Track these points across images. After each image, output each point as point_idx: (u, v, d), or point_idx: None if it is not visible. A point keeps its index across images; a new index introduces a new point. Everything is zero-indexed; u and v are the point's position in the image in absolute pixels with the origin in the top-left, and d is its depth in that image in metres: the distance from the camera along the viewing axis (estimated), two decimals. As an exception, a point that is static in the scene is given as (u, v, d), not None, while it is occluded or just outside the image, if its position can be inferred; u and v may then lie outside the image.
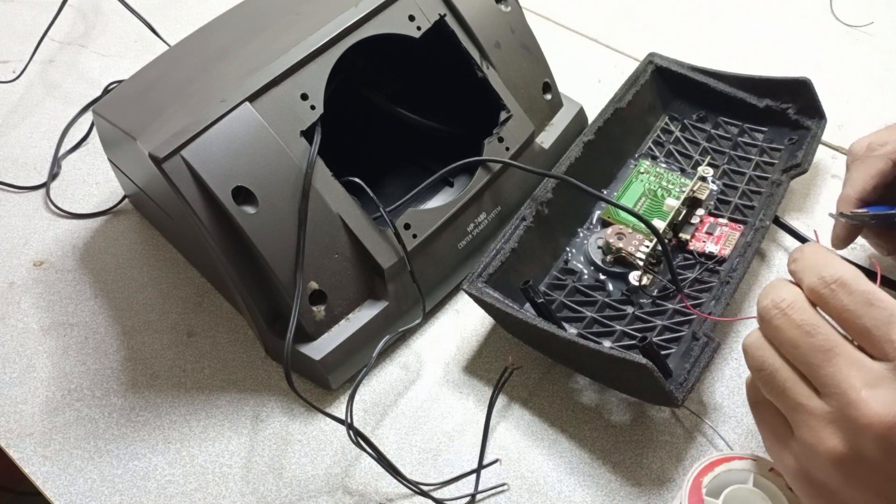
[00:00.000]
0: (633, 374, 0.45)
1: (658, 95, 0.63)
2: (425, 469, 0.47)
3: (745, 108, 0.62)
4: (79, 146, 0.66)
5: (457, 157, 0.58)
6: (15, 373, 0.52)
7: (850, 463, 0.33)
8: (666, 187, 0.58)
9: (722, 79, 0.62)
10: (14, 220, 0.61)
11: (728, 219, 0.56)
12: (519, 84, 0.58)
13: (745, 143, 0.61)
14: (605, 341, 0.49)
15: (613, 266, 0.54)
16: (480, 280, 0.50)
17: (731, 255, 0.53)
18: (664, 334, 0.50)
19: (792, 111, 0.60)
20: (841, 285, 0.34)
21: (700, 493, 0.40)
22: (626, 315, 0.51)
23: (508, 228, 0.52)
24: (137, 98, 0.52)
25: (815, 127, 0.59)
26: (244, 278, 0.48)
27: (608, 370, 0.48)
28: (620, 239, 0.53)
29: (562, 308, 0.52)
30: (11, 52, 0.74)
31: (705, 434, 0.48)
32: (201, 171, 0.45)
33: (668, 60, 0.63)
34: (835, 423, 0.33)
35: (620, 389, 0.50)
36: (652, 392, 0.46)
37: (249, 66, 0.49)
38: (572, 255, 0.55)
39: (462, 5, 0.55)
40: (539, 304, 0.48)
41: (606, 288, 0.53)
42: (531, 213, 0.53)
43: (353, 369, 0.50)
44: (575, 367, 0.50)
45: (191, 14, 0.78)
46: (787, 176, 0.57)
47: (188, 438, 0.49)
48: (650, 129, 0.62)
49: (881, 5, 0.77)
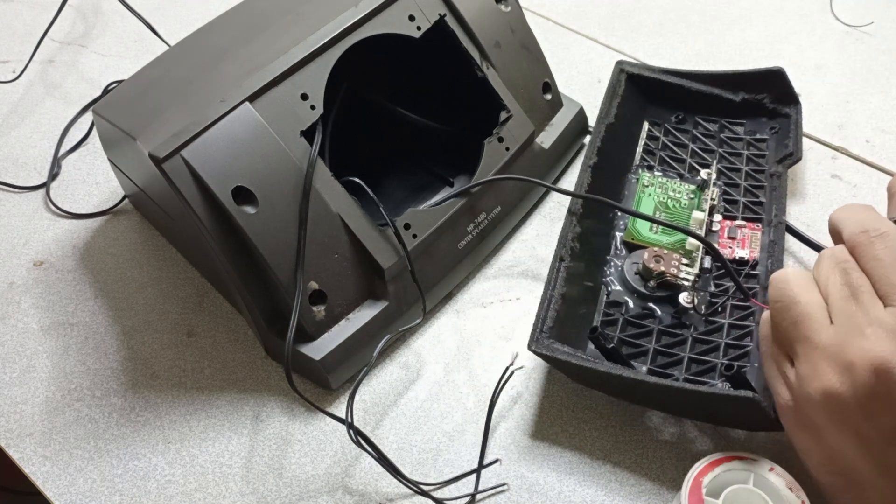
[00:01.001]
0: (735, 408, 0.44)
1: (636, 103, 0.63)
2: (425, 469, 0.47)
3: (721, 104, 0.62)
4: (79, 146, 0.66)
5: (457, 157, 0.58)
6: (15, 373, 0.52)
7: (837, 398, 0.36)
8: (674, 196, 0.58)
9: (695, 78, 0.62)
10: (14, 220, 0.61)
11: (742, 219, 0.56)
12: (519, 84, 0.58)
13: (729, 139, 0.61)
14: (676, 371, 0.48)
15: (657, 291, 0.52)
16: (544, 336, 0.47)
17: (761, 257, 0.53)
18: (729, 353, 0.49)
19: (768, 101, 0.61)
20: (880, 237, 0.37)
21: (700, 493, 0.40)
22: (686, 339, 0.50)
23: (550, 273, 0.50)
24: (137, 98, 0.52)
25: (794, 113, 0.60)
26: (244, 278, 0.48)
27: (702, 406, 0.46)
28: (659, 262, 0.52)
29: (620, 345, 0.50)
30: (11, 52, 0.74)
31: (705, 434, 0.48)
32: (201, 171, 0.45)
33: (639, 66, 0.62)
34: (834, 357, 0.36)
35: (708, 421, 0.48)
36: (753, 421, 0.45)
37: (249, 66, 0.49)
38: (612, 287, 0.53)
39: (462, 5, 0.55)
40: (610, 350, 0.47)
41: (656, 315, 0.51)
42: (567, 252, 0.51)
43: (354, 369, 0.50)
44: (655, 406, 0.49)
45: (191, 14, 0.78)
46: (783, 166, 0.57)
47: (188, 438, 0.49)
48: (637, 140, 0.62)
49: (882, 5, 0.77)
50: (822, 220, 0.59)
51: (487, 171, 0.54)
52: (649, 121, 0.63)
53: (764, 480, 0.41)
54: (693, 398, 0.44)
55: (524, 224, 0.60)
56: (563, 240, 0.52)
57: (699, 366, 0.48)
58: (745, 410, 0.43)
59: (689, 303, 0.51)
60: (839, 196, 0.60)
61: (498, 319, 0.54)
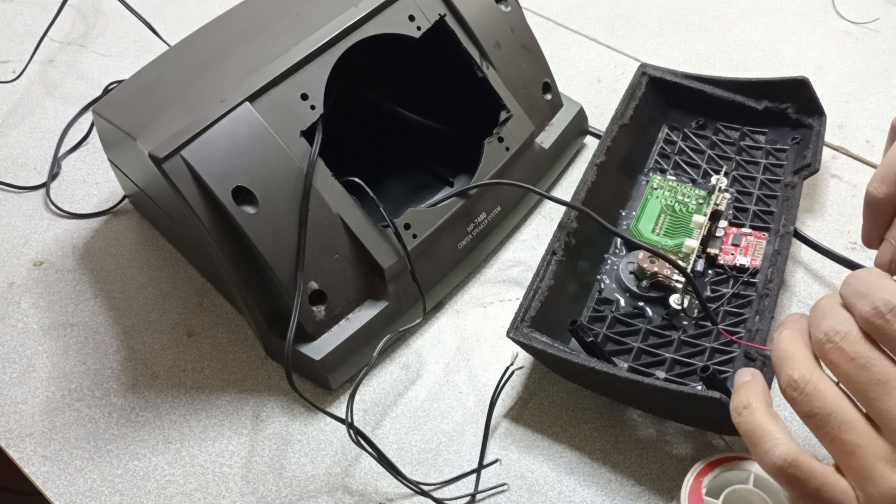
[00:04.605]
0: (704, 409, 0.44)
1: (656, 107, 0.62)
2: (425, 469, 0.47)
3: (744, 112, 0.61)
4: (79, 146, 0.66)
5: (456, 157, 0.58)
6: (15, 373, 0.52)
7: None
8: (682, 201, 0.58)
9: (718, 84, 0.62)
10: (14, 220, 0.61)
11: (750, 227, 0.56)
12: (519, 84, 0.58)
13: (748, 147, 0.61)
14: (658, 371, 0.48)
15: (650, 291, 0.52)
16: (525, 325, 0.47)
17: (762, 266, 0.52)
18: (714, 357, 0.48)
19: (791, 111, 0.60)
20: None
21: (700, 493, 0.40)
22: (672, 341, 0.50)
23: (541, 265, 0.50)
24: (137, 98, 0.52)
25: (818, 124, 0.59)
26: (244, 278, 0.48)
27: (674, 406, 0.46)
28: (654, 263, 0.52)
29: (606, 341, 0.50)
30: (11, 52, 0.74)
31: (705, 434, 0.48)
32: (201, 171, 0.45)
33: (661, 70, 0.62)
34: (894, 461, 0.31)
35: (684, 422, 0.48)
36: (724, 423, 0.44)
37: (249, 66, 0.49)
38: (605, 284, 0.54)
39: (462, 5, 0.55)
40: (589, 344, 0.47)
41: (646, 314, 0.52)
42: (560, 246, 0.51)
43: (354, 369, 0.50)
44: (632, 402, 0.49)
45: (191, 14, 0.78)
46: (799, 177, 0.56)
47: (188, 438, 0.49)
48: (653, 142, 0.61)
49: (883, 4, 0.76)
50: (821, 220, 0.59)
51: (487, 171, 0.54)
52: (668, 125, 0.63)
53: (764, 480, 0.41)
54: (663, 396, 0.45)
55: (524, 224, 0.60)
56: (558, 235, 0.52)
57: (682, 367, 0.48)
58: (715, 412, 0.43)
59: (679, 305, 0.51)
60: (839, 196, 0.60)
61: (498, 319, 0.54)
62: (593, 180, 0.55)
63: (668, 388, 0.43)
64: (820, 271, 0.56)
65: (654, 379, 0.45)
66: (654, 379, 0.45)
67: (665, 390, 0.43)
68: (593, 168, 0.55)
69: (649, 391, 0.44)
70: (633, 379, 0.44)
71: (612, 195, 0.57)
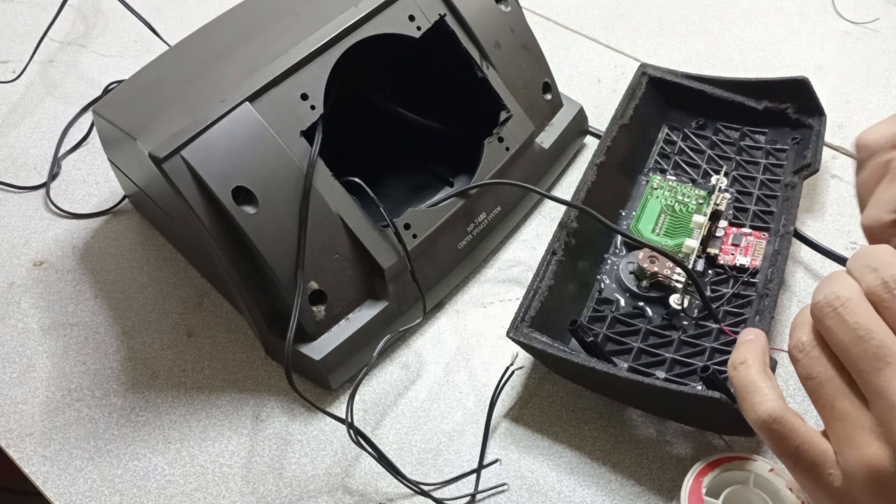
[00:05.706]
0: (704, 409, 0.44)
1: (656, 107, 0.62)
2: (425, 469, 0.47)
3: (744, 112, 0.61)
4: (79, 146, 0.66)
5: (456, 157, 0.58)
6: (15, 373, 0.52)
7: (889, 481, 0.31)
8: (682, 201, 0.58)
9: (718, 84, 0.62)
10: (14, 220, 0.61)
11: (750, 227, 0.56)
12: (519, 84, 0.58)
13: (748, 147, 0.61)
14: (658, 371, 0.48)
15: (650, 291, 0.52)
16: (524, 325, 0.47)
17: (762, 266, 0.52)
18: (715, 357, 0.48)
19: (791, 111, 0.60)
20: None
21: (700, 493, 0.40)
22: (672, 341, 0.50)
23: (541, 265, 0.50)
24: (137, 98, 0.52)
25: (818, 124, 0.59)
26: (244, 278, 0.48)
27: (674, 406, 0.46)
28: (654, 262, 0.52)
29: (606, 341, 0.50)
30: (11, 52, 0.74)
31: (705, 434, 0.48)
32: (201, 171, 0.45)
33: (661, 70, 0.62)
34: (880, 437, 0.31)
35: (684, 422, 0.48)
36: (724, 424, 0.45)
37: (249, 66, 0.49)
38: (605, 284, 0.53)
39: (462, 5, 0.55)
40: (589, 344, 0.47)
41: (646, 314, 0.52)
42: (560, 246, 0.51)
43: (354, 369, 0.50)
44: (632, 402, 0.49)
45: (191, 14, 0.78)
46: (799, 177, 0.56)
47: (188, 438, 0.49)
48: (653, 142, 0.61)
49: (883, 3, 0.76)
50: (821, 220, 0.59)
51: (487, 171, 0.54)
52: (669, 125, 0.63)
53: (764, 480, 0.41)
54: (663, 396, 0.45)
55: (524, 224, 0.60)
56: (558, 235, 0.52)
57: (682, 367, 0.48)
58: (715, 412, 0.43)
59: (679, 305, 0.51)
60: (839, 196, 0.60)
61: (498, 319, 0.54)
62: (593, 180, 0.55)
63: (668, 388, 0.43)
64: (820, 271, 0.56)
65: (654, 379, 0.45)
66: (654, 379, 0.45)
67: (665, 390, 0.43)
68: (593, 168, 0.55)
69: (649, 391, 0.44)
70: (633, 379, 0.44)
71: (612, 195, 0.57)
